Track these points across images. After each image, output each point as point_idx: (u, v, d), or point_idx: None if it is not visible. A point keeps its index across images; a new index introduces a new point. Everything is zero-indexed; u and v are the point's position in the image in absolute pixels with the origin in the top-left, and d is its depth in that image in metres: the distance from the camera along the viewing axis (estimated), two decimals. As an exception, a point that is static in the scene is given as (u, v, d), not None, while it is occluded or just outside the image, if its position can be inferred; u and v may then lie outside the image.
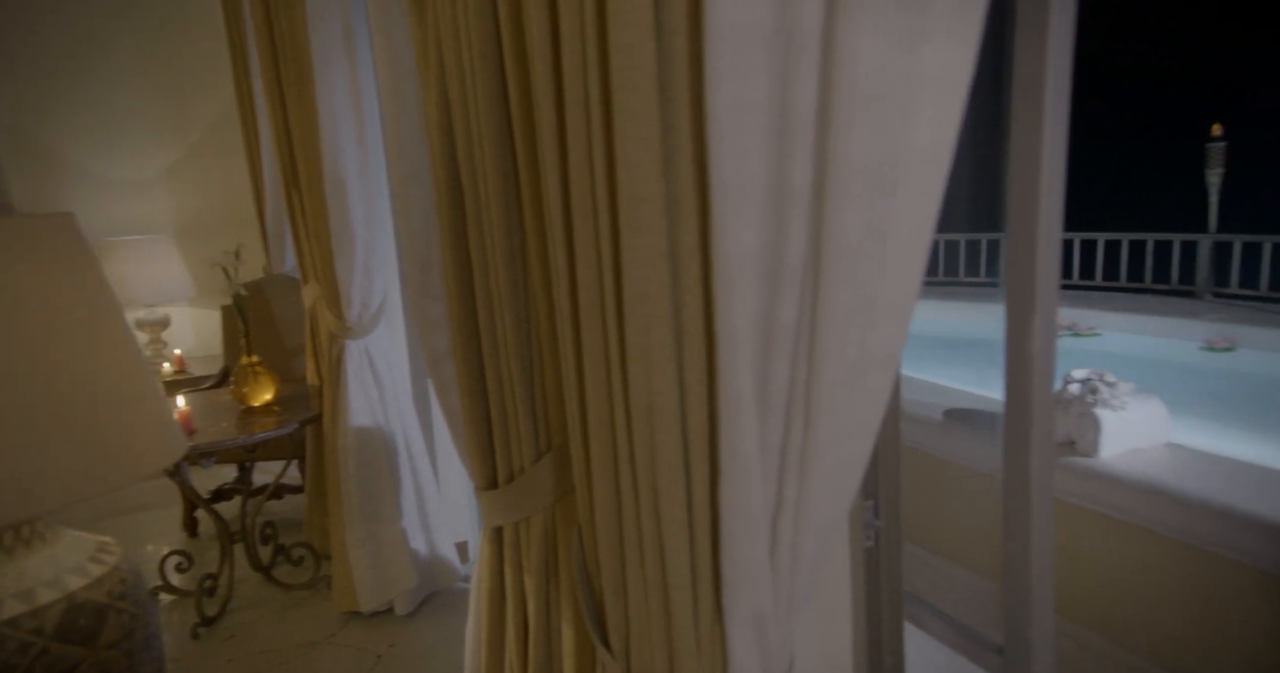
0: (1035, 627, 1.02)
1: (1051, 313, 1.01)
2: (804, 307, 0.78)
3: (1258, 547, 2.17)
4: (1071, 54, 0.97)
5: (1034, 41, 0.97)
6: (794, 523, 0.83)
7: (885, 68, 0.71)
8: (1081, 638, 2.62)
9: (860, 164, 0.73)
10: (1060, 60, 0.96)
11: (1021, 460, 1.03)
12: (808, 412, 0.81)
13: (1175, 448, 2.66)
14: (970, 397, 3.50)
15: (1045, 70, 0.96)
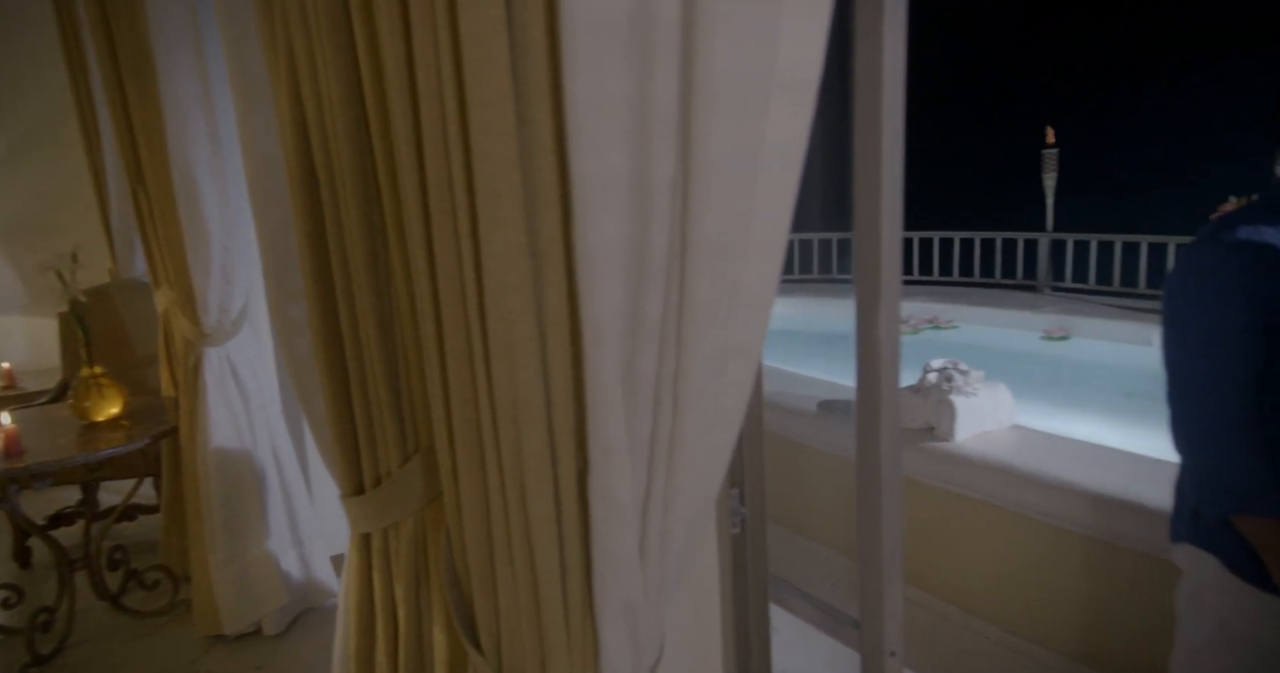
0: (887, 599, 1.08)
1: (895, 303, 1.07)
2: (669, 298, 0.80)
3: (1080, 514, 2.38)
4: (904, 62, 1.04)
5: (871, 50, 1.03)
6: (663, 512, 0.85)
7: (741, 65, 0.73)
8: (939, 610, 2.80)
9: (720, 159, 0.76)
10: (895, 68, 1.03)
11: (872, 441, 1.09)
12: (675, 402, 0.82)
13: (1019, 429, 2.88)
14: (843, 388, 3.67)
15: (882, 77, 1.02)
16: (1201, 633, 1.51)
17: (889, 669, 1.10)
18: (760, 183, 0.78)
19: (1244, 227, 1.40)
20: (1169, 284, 1.50)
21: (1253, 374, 1.38)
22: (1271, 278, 1.36)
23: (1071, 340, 5.34)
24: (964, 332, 5.87)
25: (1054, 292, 6.18)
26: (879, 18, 1.00)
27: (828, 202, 7.32)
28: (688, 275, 0.78)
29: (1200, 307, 1.42)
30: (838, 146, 1.30)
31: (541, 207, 0.76)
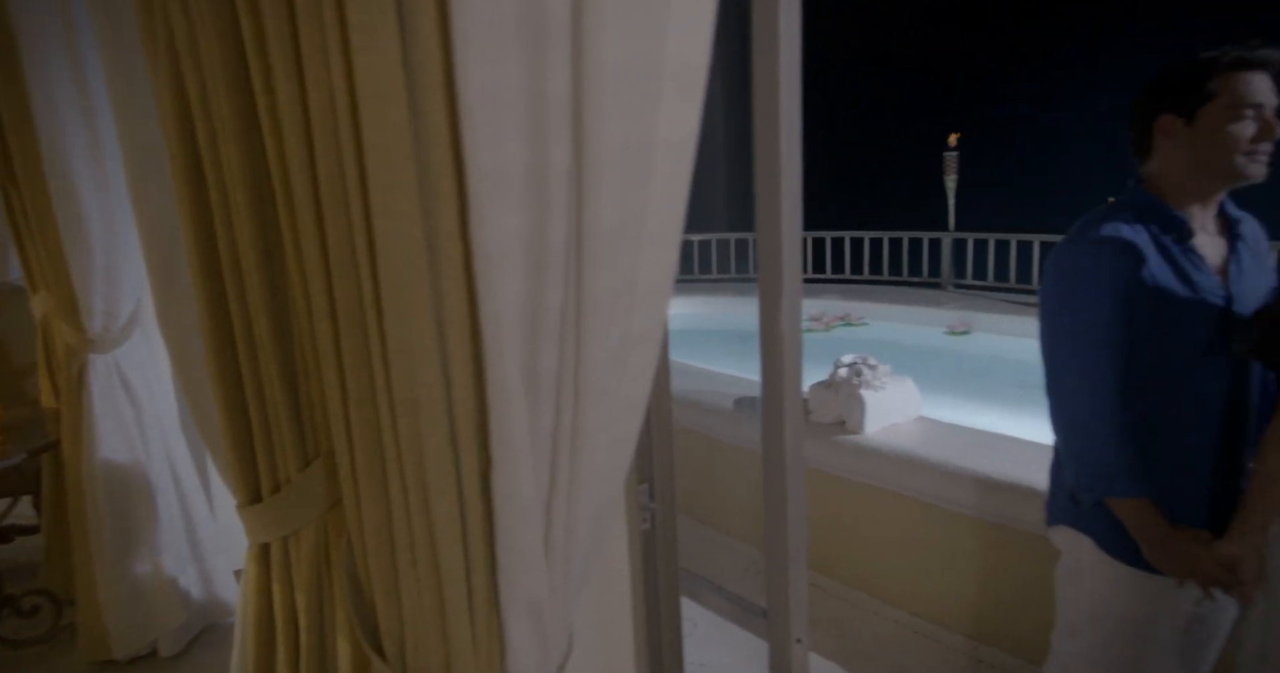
0: (792, 589, 1.11)
1: (796, 300, 1.10)
2: (568, 291, 0.80)
3: (977, 500, 2.49)
4: (799, 64, 1.06)
5: (767, 52, 1.05)
6: (568, 506, 0.84)
7: (631, 57, 0.74)
8: (852, 598, 2.88)
9: (615, 150, 0.76)
10: (790, 70, 1.05)
11: (776, 434, 1.11)
12: (576, 395, 0.82)
13: (924, 421, 2.99)
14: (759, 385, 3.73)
15: (778, 79, 1.05)
16: (1079, 609, 1.60)
17: (795, 656, 1.12)
18: (655, 174, 0.78)
19: (1106, 225, 1.49)
20: (1043, 281, 1.59)
21: (1119, 364, 1.47)
22: (1130, 273, 1.46)
23: (972, 335, 5.60)
24: (874, 328, 6.07)
25: (957, 289, 6.46)
26: (774, 20, 1.02)
27: (732, 202, 7.45)
28: (585, 267, 0.78)
29: (1070, 301, 1.51)
30: (742, 148, 1.32)
31: (438, 200, 0.75)
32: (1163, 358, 1.48)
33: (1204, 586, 1.44)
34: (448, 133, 0.73)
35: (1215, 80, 1.45)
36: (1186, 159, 1.49)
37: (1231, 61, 1.44)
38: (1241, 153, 1.44)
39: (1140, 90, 1.56)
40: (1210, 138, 1.45)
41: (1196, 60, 1.47)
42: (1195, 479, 1.51)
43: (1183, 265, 1.48)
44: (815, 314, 6.27)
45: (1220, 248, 1.54)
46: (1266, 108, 1.44)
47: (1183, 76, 1.48)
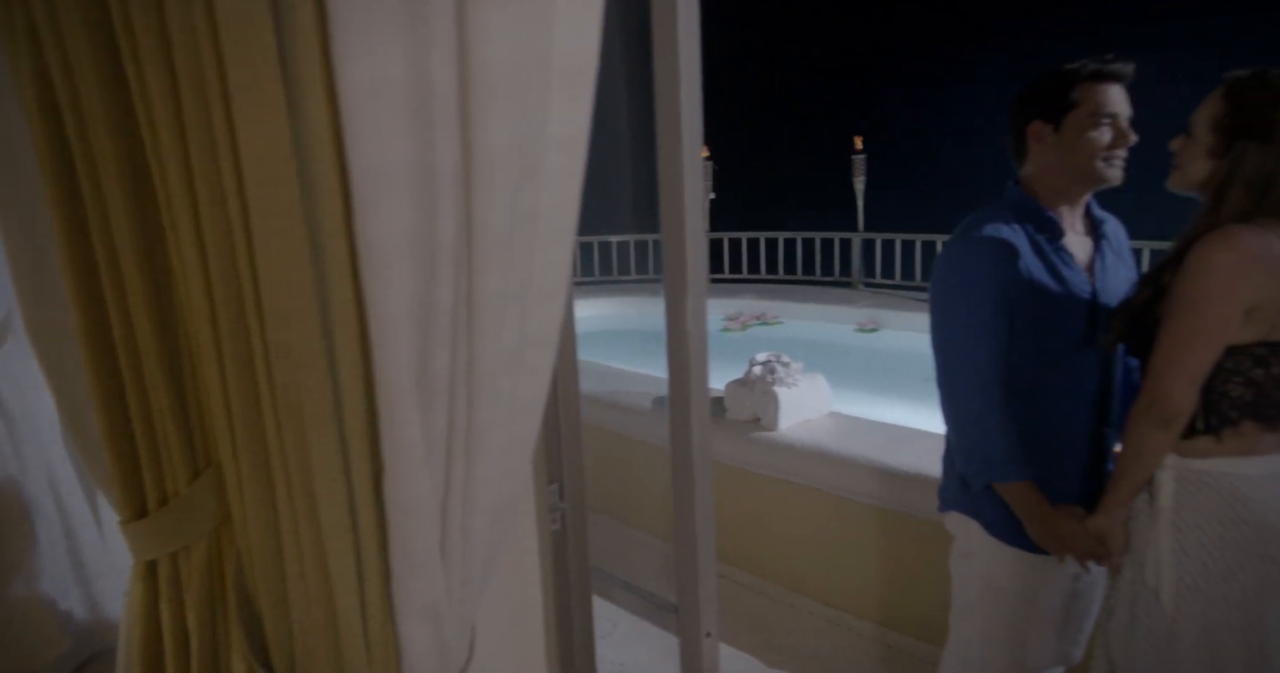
0: (701, 583, 1.12)
1: (701, 296, 1.11)
2: (460, 291, 0.78)
3: (884, 491, 2.58)
4: (699, 65, 1.08)
5: (667, 53, 1.06)
6: (464, 508, 0.83)
7: (518, 51, 0.73)
8: (769, 592, 2.94)
9: (504, 148, 0.75)
10: (690, 71, 1.07)
11: (684, 431, 1.12)
12: (470, 396, 0.81)
13: (835, 416, 3.07)
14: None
15: (679, 80, 1.06)
16: (971, 590, 1.69)
17: (705, 650, 1.14)
18: (546, 172, 0.78)
19: (987, 226, 1.58)
20: (933, 278, 1.67)
21: (1001, 356, 1.55)
22: (1009, 269, 1.55)
23: (881, 332, 5.79)
24: (789, 327, 6.21)
25: (867, 287, 6.67)
26: (673, 19, 1.03)
27: (651, 204, 7.50)
28: (477, 266, 0.77)
29: (957, 297, 1.59)
30: (648, 151, 1.33)
31: (321, 197, 0.72)
32: (1040, 349, 1.57)
33: (1080, 560, 1.53)
34: (329, 129, 0.70)
35: (1077, 90, 1.54)
36: (1055, 163, 1.59)
37: (1090, 73, 1.54)
38: (1100, 158, 1.54)
39: (1014, 98, 1.65)
40: (1074, 144, 1.55)
41: (1061, 71, 1.57)
42: (1070, 461, 1.61)
43: (1054, 263, 1.58)
44: (732, 314, 6.36)
45: (1087, 247, 1.64)
46: (1121, 117, 1.54)
47: (1049, 86, 1.58)
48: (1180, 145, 1.47)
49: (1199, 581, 1.40)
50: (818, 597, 2.82)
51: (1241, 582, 1.37)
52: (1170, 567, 1.42)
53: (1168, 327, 1.38)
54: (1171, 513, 1.41)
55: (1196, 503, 1.40)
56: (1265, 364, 1.37)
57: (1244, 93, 1.37)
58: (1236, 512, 1.38)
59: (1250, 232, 1.34)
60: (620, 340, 5.05)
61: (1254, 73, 1.39)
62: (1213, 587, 1.39)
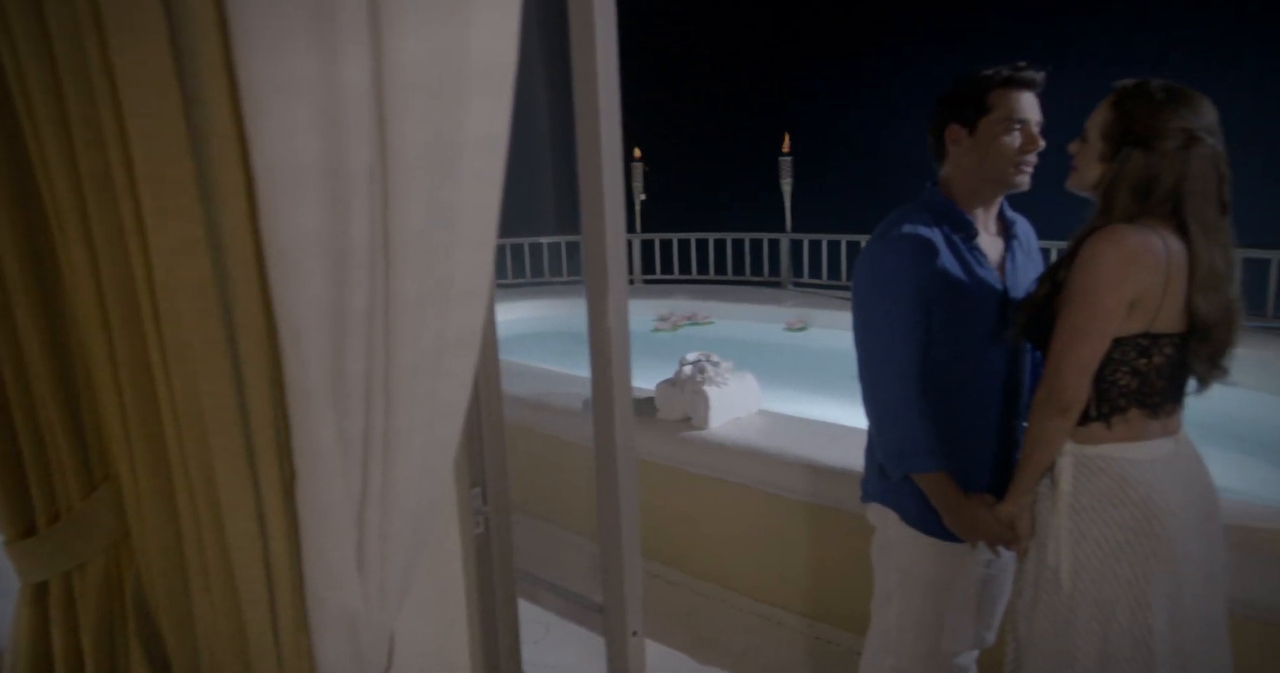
0: (627, 581, 1.12)
1: (621, 295, 1.12)
2: (375, 292, 0.77)
3: (811, 486, 2.63)
4: (617, 66, 1.08)
5: (585, 56, 1.06)
6: (382, 514, 0.81)
7: (434, 52, 0.72)
8: (701, 589, 2.96)
9: (420, 148, 0.74)
10: (608, 72, 1.07)
11: (607, 429, 1.12)
12: (388, 399, 0.79)
13: (765, 414, 3.11)
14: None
15: (597, 81, 1.06)
16: (890, 578, 1.74)
17: (632, 648, 1.14)
18: (465, 173, 0.77)
19: (906, 225, 1.63)
20: (855, 276, 1.71)
21: (919, 351, 1.61)
22: (927, 266, 1.60)
23: (809, 331, 5.91)
24: (720, 326, 6.27)
25: (795, 287, 6.79)
26: (590, 18, 1.03)
27: (571, 205, 7.49)
28: (393, 268, 0.76)
29: (877, 294, 1.64)
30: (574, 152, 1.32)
31: (222, 196, 0.70)
32: (954, 345, 1.63)
33: (992, 546, 1.59)
34: (231, 123, 0.68)
35: (991, 96, 1.60)
36: (971, 166, 1.64)
37: (1003, 80, 1.61)
38: (1011, 163, 1.60)
39: (934, 101, 1.70)
40: (987, 147, 1.61)
41: (976, 77, 1.63)
42: (982, 451, 1.68)
43: (969, 262, 1.64)
44: (664, 314, 6.40)
45: (999, 247, 1.71)
46: (1031, 123, 1.61)
47: (965, 91, 1.63)
48: (1077, 149, 1.54)
49: (1093, 559, 1.48)
50: (748, 593, 2.86)
51: (1130, 559, 1.45)
52: (1068, 547, 1.49)
53: (1063, 320, 1.45)
54: (1070, 497, 1.49)
55: (1091, 487, 1.48)
56: (1148, 354, 1.46)
57: (1128, 102, 1.45)
58: (1125, 494, 1.46)
59: (1134, 230, 1.42)
60: (551, 342, 5.02)
61: (1137, 83, 1.47)
62: (1105, 565, 1.47)
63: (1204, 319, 1.43)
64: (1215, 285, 1.43)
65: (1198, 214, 1.42)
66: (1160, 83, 1.45)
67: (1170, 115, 1.41)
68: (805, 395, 4.48)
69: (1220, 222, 1.44)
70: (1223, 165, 1.43)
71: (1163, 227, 1.43)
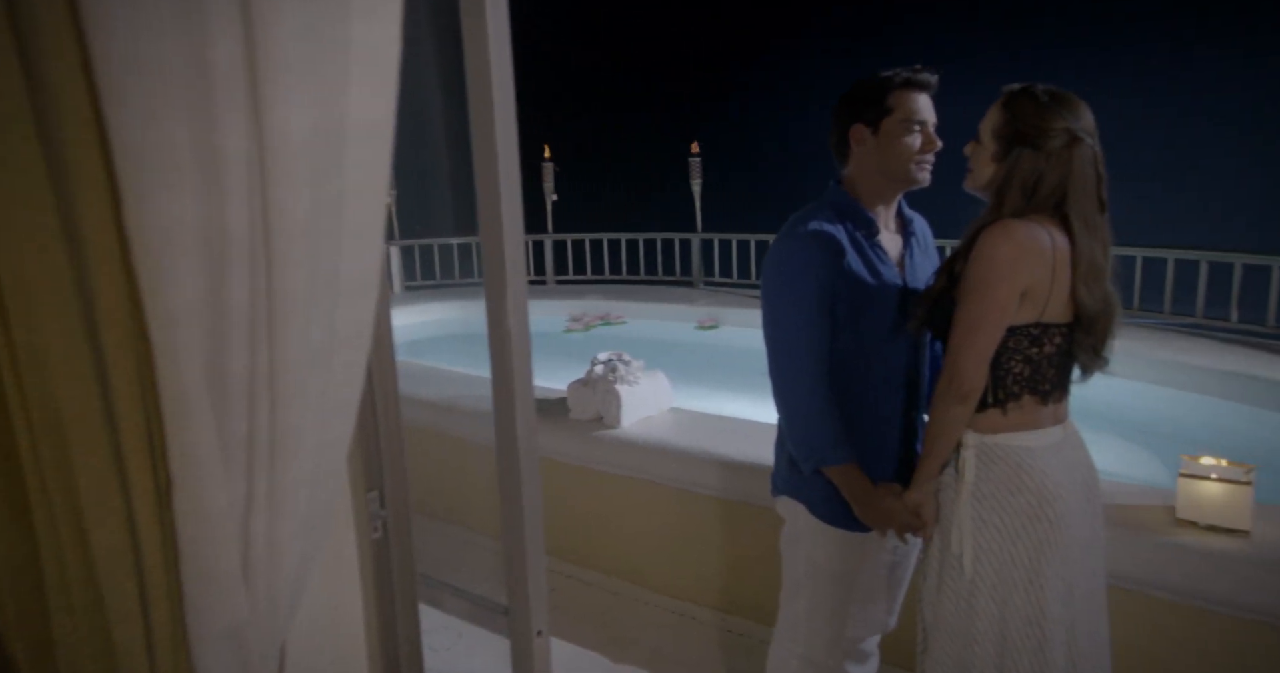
0: (531, 581, 1.10)
1: (521, 292, 1.10)
2: (257, 286, 0.73)
3: (723, 482, 2.67)
4: (511, 66, 1.07)
5: (478, 55, 1.05)
6: (269, 519, 0.77)
7: (311, 34, 0.69)
8: (615, 588, 2.96)
9: (301, 134, 0.71)
10: (503, 80, 1.05)
11: (509, 428, 1.10)
12: (273, 399, 0.76)
13: (676, 412, 3.13)
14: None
15: (491, 86, 1.05)
16: (798, 569, 1.78)
17: (536, 649, 1.12)
18: (349, 162, 0.74)
19: (811, 222, 1.67)
20: (762, 273, 1.74)
21: (826, 345, 1.64)
22: (832, 262, 1.64)
23: (720, 329, 6.00)
24: (632, 326, 6.29)
25: (707, 286, 6.88)
26: (482, 19, 1.02)
27: (474, 207, 7.38)
28: (276, 260, 0.72)
29: (785, 290, 1.67)
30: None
31: (78, 184, 0.65)
32: (857, 339, 1.67)
33: (899, 534, 1.65)
34: (89, 106, 0.63)
35: (891, 97, 1.65)
36: (874, 164, 1.69)
37: (902, 82, 1.66)
38: (912, 162, 1.66)
39: (837, 100, 1.74)
40: (889, 147, 1.66)
41: (877, 78, 1.68)
42: (887, 442, 1.73)
43: (871, 258, 1.68)
44: (576, 315, 6.37)
45: (898, 243, 1.76)
46: (929, 124, 1.67)
47: (867, 92, 1.68)
48: (972, 150, 1.61)
49: (992, 544, 1.55)
50: (662, 590, 2.87)
51: (1025, 543, 1.53)
52: (970, 533, 1.56)
53: (960, 311, 1.52)
54: (972, 485, 1.55)
55: (991, 474, 1.55)
56: (1039, 343, 1.54)
57: (1016, 104, 1.53)
58: (1022, 480, 1.54)
59: (1024, 225, 1.50)
60: (464, 344, 4.93)
61: (1024, 87, 1.55)
62: (1003, 548, 1.54)
63: (1087, 310, 1.52)
64: (1095, 278, 1.51)
65: (1079, 210, 1.50)
66: (1044, 87, 1.53)
67: (1054, 116, 1.49)
68: (717, 393, 4.54)
69: (1099, 219, 1.53)
70: (1100, 165, 1.52)
71: (1048, 222, 1.51)
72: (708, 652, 2.57)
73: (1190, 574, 1.91)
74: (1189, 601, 1.92)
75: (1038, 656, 1.52)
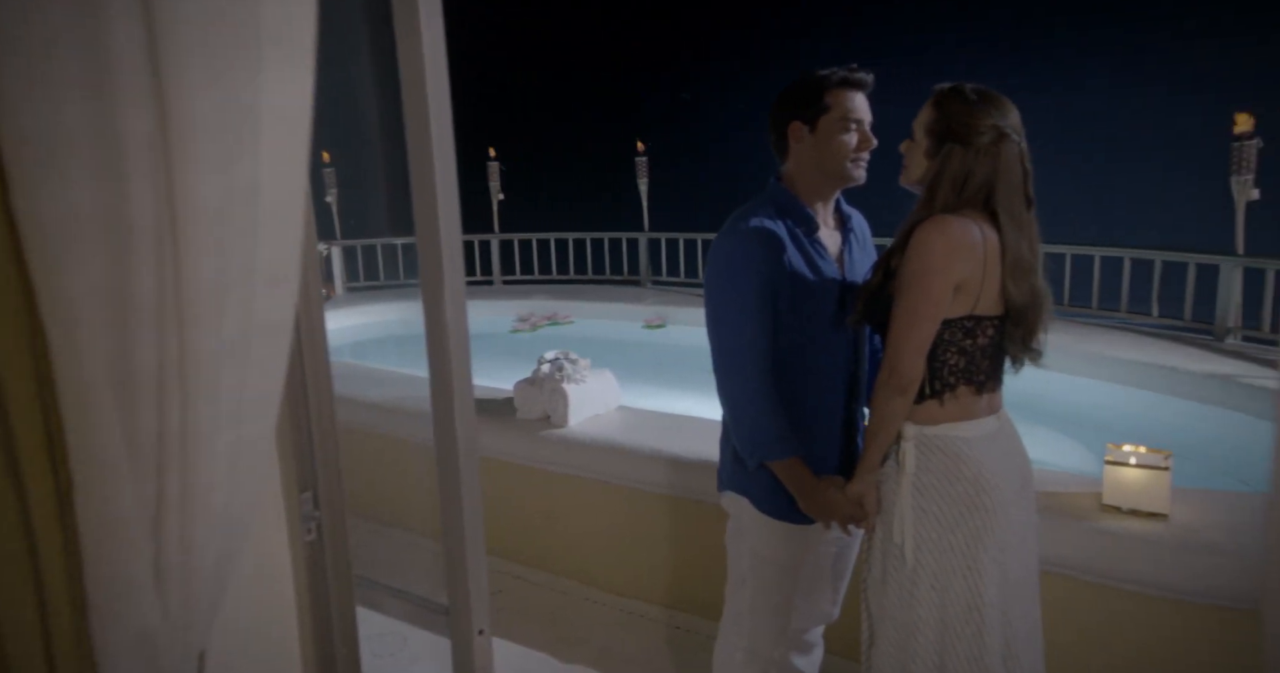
0: (472, 580, 1.08)
1: (458, 283, 1.08)
2: (165, 276, 0.69)
3: (671, 479, 2.67)
4: (445, 61, 1.05)
5: (410, 48, 1.02)
6: (182, 519, 0.74)
7: (220, 18, 0.66)
8: (563, 588, 2.94)
9: (208, 116, 0.67)
10: (438, 79, 1.03)
11: (448, 427, 1.08)
12: (185, 392, 0.72)
13: (624, 410, 3.12)
14: (473, 387, 3.64)
15: (425, 85, 1.03)
16: (743, 563, 1.79)
17: (478, 648, 1.10)
18: (263, 145, 0.71)
19: (753, 219, 1.67)
20: (706, 270, 1.74)
21: (769, 340, 1.65)
22: (775, 258, 1.65)
23: (668, 327, 6.02)
24: (580, 326, 6.27)
25: (655, 285, 6.89)
26: (415, 16, 1.00)
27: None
28: (185, 248, 0.69)
29: (728, 285, 1.67)
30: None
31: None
32: (799, 333, 1.68)
33: (843, 525, 1.66)
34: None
35: (828, 96, 1.67)
36: (812, 161, 1.70)
37: (839, 81, 1.68)
38: (849, 159, 1.68)
39: (775, 99, 1.75)
40: (826, 145, 1.68)
41: (815, 76, 1.69)
42: (828, 435, 1.74)
43: (811, 254, 1.70)
44: (524, 315, 6.32)
45: (837, 240, 1.78)
46: (865, 123, 1.69)
47: (805, 90, 1.69)
48: (906, 148, 1.64)
49: (932, 533, 1.58)
50: (610, 588, 2.86)
51: (963, 531, 1.56)
52: (911, 523, 1.58)
53: (898, 304, 1.54)
54: (913, 475, 1.58)
55: (930, 465, 1.57)
56: (973, 335, 1.57)
57: (946, 103, 1.57)
58: (959, 470, 1.57)
59: (956, 220, 1.53)
60: (407, 344, 4.85)
61: (953, 86, 1.59)
62: (942, 537, 1.57)
63: (1015, 303, 1.55)
64: (1023, 272, 1.55)
65: (1007, 206, 1.54)
66: (972, 86, 1.57)
67: (982, 114, 1.53)
68: (665, 391, 4.55)
69: (1026, 214, 1.57)
70: (1026, 162, 1.56)
71: (978, 217, 1.54)
72: (656, 649, 2.57)
73: (1114, 557, 1.97)
74: (1113, 582, 1.99)
75: (976, 640, 1.55)
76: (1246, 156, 4.32)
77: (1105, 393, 4.34)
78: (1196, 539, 1.90)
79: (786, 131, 1.72)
